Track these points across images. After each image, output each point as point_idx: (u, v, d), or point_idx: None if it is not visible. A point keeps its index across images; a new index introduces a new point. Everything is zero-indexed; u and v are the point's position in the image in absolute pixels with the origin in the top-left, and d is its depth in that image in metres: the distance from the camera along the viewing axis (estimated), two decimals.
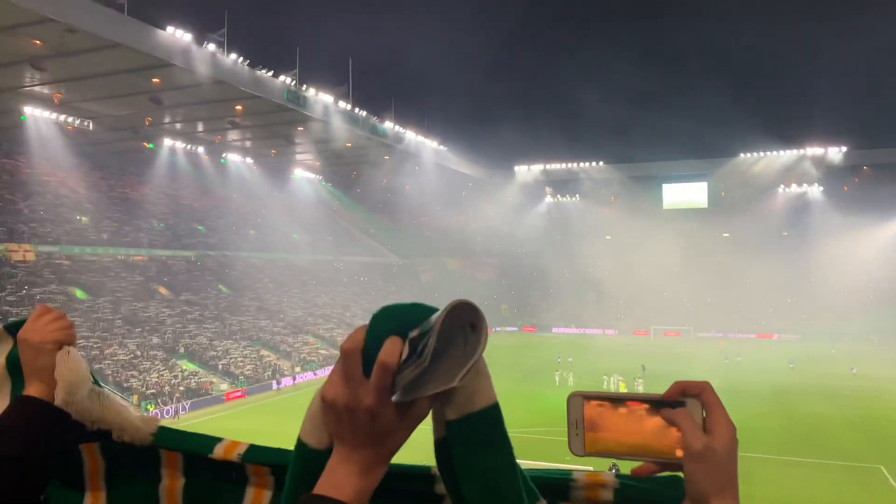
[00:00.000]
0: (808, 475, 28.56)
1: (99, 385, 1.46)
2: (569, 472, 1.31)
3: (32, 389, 1.38)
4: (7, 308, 45.24)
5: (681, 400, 1.01)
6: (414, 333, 0.90)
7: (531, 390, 46.68)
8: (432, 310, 0.94)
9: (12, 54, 40.89)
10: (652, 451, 1.02)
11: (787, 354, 66.67)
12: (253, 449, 1.41)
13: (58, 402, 1.36)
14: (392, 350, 0.90)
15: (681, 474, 1.04)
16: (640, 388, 44.54)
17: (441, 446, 1.02)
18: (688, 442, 0.97)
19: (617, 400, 1.05)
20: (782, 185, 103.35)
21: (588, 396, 1.07)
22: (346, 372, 0.93)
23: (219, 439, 1.45)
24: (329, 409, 0.95)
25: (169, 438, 1.47)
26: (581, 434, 1.05)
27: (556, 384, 48.97)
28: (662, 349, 70.28)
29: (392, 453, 0.98)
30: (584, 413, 1.06)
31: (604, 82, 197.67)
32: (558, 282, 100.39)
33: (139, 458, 1.47)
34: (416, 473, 1.28)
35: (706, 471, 0.96)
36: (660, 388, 1.01)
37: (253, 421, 38.89)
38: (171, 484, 1.49)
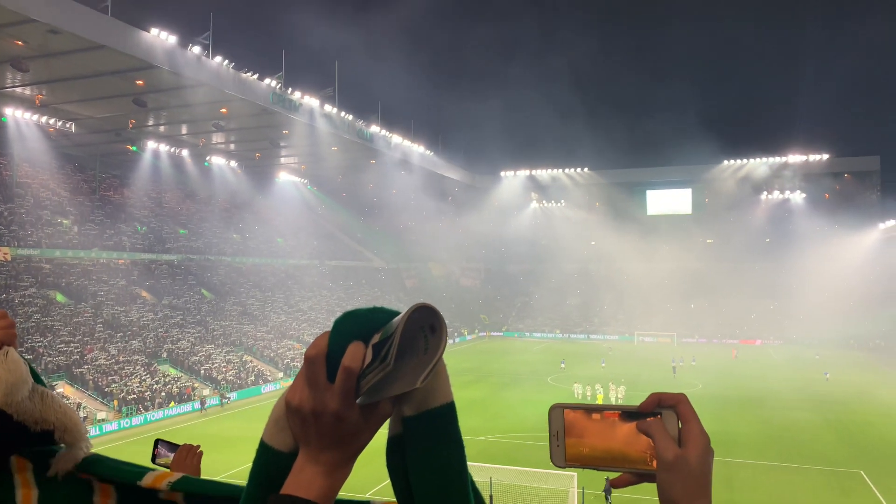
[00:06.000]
0: (788, 480, 28.75)
1: (43, 385, 1.42)
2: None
3: None
4: None
5: (657, 411, 1.04)
6: (376, 338, 0.93)
7: (516, 396, 46.68)
8: (393, 313, 0.96)
9: None
10: (629, 462, 1.05)
11: (767, 360, 67.28)
12: (185, 480, 1.36)
13: None
14: (355, 355, 0.93)
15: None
16: (621, 394, 44.66)
17: (394, 443, 1.04)
18: (660, 452, 1.01)
19: (597, 411, 1.08)
20: (765, 192, 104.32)
21: (569, 408, 1.10)
22: (310, 377, 0.96)
23: (149, 469, 1.40)
24: (294, 413, 0.98)
25: (99, 467, 1.41)
26: (562, 445, 1.08)
27: (550, 390, 48.96)
28: (649, 355, 70.62)
29: (357, 452, 1.01)
30: (564, 424, 1.08)
31: (589, 89, 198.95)
32: (543, 287, 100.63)
33: (73, 488, 1.42)
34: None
35: (677, 480, 1.00)
36: (641, 397, 1.07)
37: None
38: None
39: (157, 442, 3.26)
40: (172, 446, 3.20)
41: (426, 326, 0.94)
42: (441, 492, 1.01)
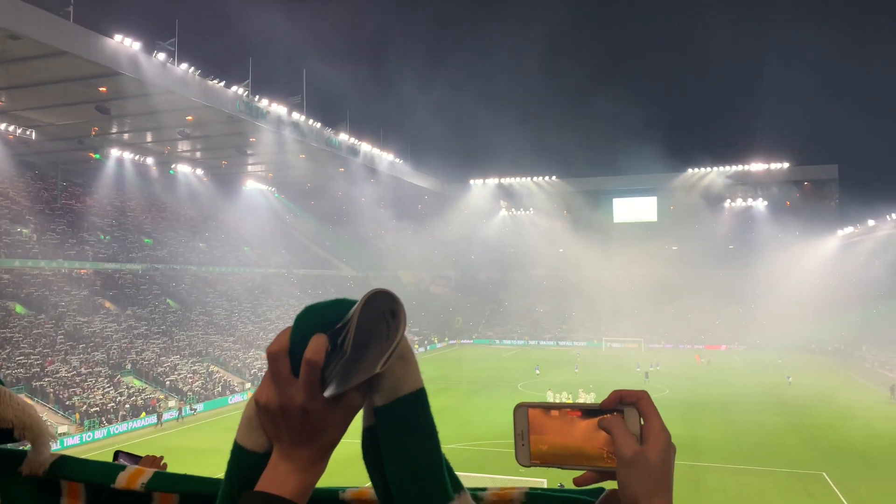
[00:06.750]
0: (753, 483, 29.23)
1: (1, 383, 1.38)
2: (482, 487, 1.28)
3: None
4: None
5: (618, 408, 1.03)
6: (336, 328, 0.93)
7: (486, 403, 46.72)
8: (354, 303, 0.94)
9: None
10: (592, 460, 1.04)
11: (731, 365, 68.35)
12: (158, 476, 1.34)
13: None
14: (317, 347, 0.92)
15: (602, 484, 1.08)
16: (592, 399, 45.01)
17: (368, 434, 1.03)
18: (618, 449, 1.00)
19: (560, 409, 1.07)
20: (728, 200, 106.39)
21: (533, 407, 1.08)
22: (275, 374, 0.95)
23: (122, 467, 1.37)
24: (263, 411, 0.97)
25: (68, 468, 1.38)
26: (527, 444, 1.06)
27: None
28: (618, 361, 71.26)
29: (331, 447, 1.00)
30: (529, 423, 1.07)
31: (557, 99, 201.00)
32: (513, 294, 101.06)
33: (38, 491, 1.38)
34: (322, 497, 1.19)
35: (636, 476, 0.99)
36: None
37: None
38: None
39: (117, 454, 3.19)
40: (134, 458, 3.13)
41: (387, 312, 0.92)
42: (415, 479, 0.99)
